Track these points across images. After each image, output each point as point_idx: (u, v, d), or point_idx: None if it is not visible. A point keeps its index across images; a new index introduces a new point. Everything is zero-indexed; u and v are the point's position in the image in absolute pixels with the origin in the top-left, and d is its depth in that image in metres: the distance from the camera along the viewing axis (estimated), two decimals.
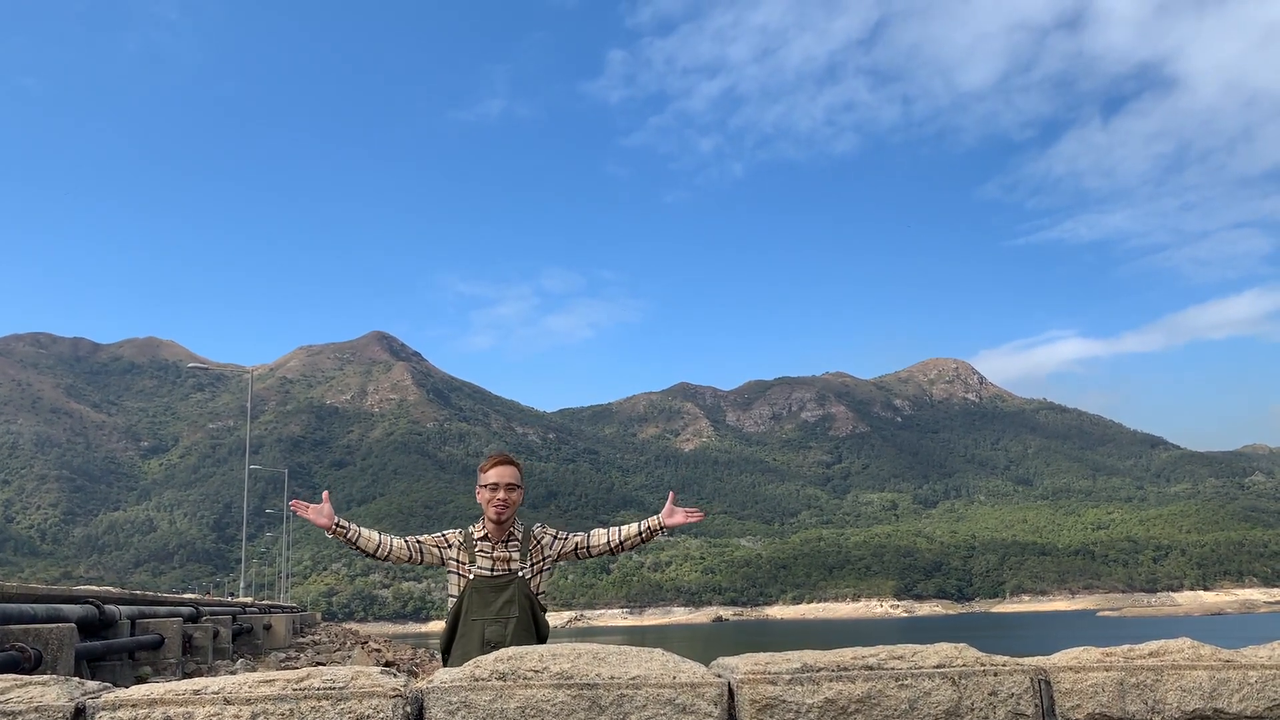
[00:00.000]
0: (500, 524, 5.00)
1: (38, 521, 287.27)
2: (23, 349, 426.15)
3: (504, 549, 4.99)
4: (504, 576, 4.93)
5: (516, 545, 5.04)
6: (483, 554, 4.98)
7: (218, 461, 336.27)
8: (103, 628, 14.06)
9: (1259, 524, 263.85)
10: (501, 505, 4.95)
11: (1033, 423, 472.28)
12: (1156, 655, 3.72)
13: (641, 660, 3.39)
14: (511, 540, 5.04)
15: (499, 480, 4.97)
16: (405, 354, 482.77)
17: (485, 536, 5.02)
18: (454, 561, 5.00)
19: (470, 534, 5.06)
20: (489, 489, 4.97)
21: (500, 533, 5.02)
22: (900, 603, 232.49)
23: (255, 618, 30.18)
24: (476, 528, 5.08)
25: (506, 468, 5.02)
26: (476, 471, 5.11)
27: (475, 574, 4.92)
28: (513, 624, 4.81)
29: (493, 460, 5.06)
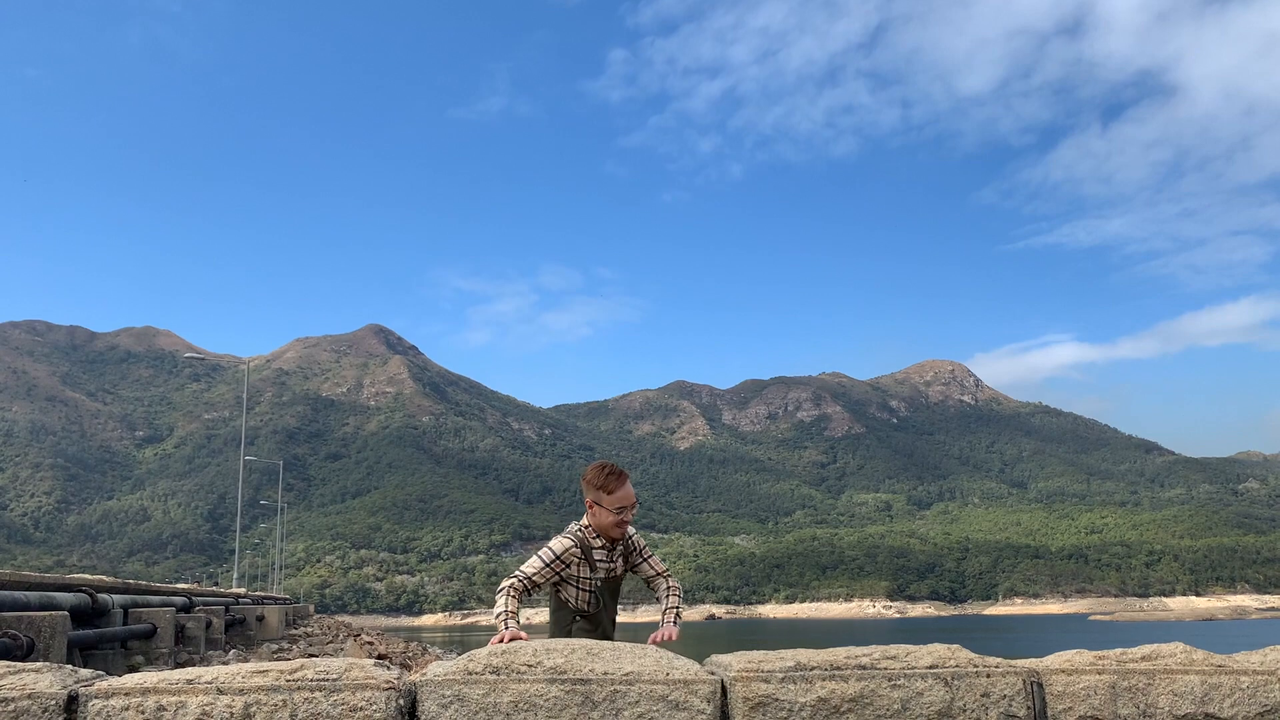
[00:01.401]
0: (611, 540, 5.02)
1: (31, 509, 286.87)
2: (19, 336, 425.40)
3: (610, 556, 5.01)
4: (614, 578, 5.06)
5: (620, 553, 5.09)
6: (601, 561, 4.97)
7: (213, 452, 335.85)
8: (95, 616, 14.05)
9: (1252, 530, 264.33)
10: (624, 525, 4.96)
11: (1028, 426, 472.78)
12: (1149, 659, 3.72)
13: (635, 656, 3.40)
14: (617, 548, 5.06)
15: (627, 503, 4.91)
16: (402, 347, 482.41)
17: (604, 546, 5.01)
18: (574, 576, 4.97)
19: (587, 544, 4.98)
20: (615, 511, 4.88)
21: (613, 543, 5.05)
22: (893, 603, 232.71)
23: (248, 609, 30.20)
24: (588, 534, 5.00)
25: (629, 485, 4.97)
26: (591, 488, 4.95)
27: (598, 582, 4.96)
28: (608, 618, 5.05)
29: (617, 476, 4.93)
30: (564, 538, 4.94)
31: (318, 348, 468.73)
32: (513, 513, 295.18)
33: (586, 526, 4.98)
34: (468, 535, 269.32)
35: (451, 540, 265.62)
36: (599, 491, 4.86)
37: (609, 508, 4.84)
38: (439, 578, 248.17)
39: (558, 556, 4.86)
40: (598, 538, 4.94)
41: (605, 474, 4.88)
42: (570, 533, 4.99)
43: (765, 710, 3.35)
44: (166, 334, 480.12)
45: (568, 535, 4.96)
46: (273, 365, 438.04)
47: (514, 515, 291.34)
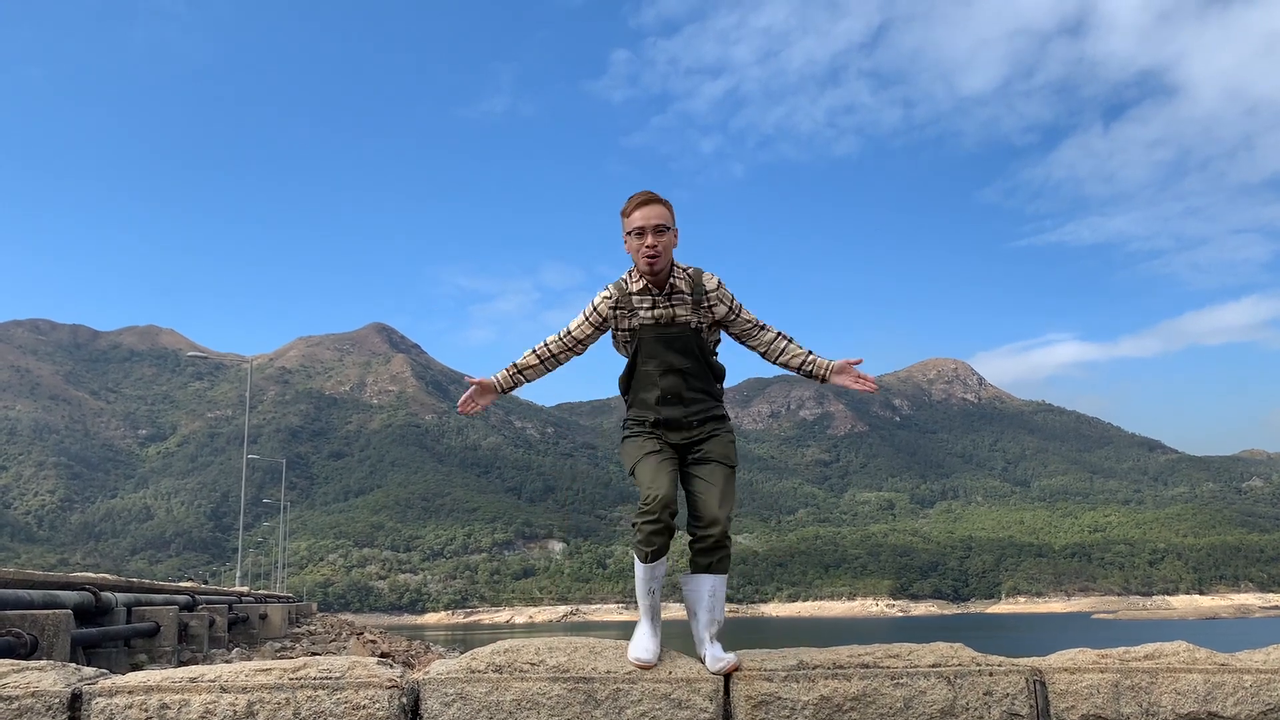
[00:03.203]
0: (655, 274, 4.20)
1: (35, 508, 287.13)
2: (22, 335, 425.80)
3: (667, 303, 4.21)
4: (673, 328, 4.22)
5: (684, 299, 4.23)
6: (643, 307, 4.22)
7: (216, 450, 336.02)
8: (99, 615, 14.07)
9: (1255, 529, 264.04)
10: (652, 252, 4.11)
11: (1031, 424, 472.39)
12: (1152, 658, 3.72)
13: None
14: (676, 294, 4.23)
15: (645, 223, 4.12)
16: (404, 346, 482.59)
17: (645, 289, 4.23)
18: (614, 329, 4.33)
19: (624, 288, 4.27)
20: (634, 235, 4.15)
21: (659, 284, 4.23)
22: (896, 602, 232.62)
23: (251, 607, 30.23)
24: (630, 279, 4.27)
25: (652, 207, 4.16)
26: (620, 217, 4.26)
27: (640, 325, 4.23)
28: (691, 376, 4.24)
29: (635, 200, 4.20)
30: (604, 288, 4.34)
31: (320, 346, 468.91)
32: (515, 511, 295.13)
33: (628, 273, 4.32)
34: (470, 534, 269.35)
35: (454, 538, 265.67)
36: (623, 219, 4.23)
37: (628, 229, 4.18)
38: (442, 576, 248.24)
39: (594, 308, 4.29)
40: (642, 282, 4.23)
41: (629, 198, 4.23)
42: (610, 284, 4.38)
43: (768, 708, 3.35)
44: (169, 333, 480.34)
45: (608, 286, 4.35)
46: (275, 364, 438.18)
47: (517, 514, 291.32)
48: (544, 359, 4.31)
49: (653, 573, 4.09)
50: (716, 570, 4.14)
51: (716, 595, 4.15)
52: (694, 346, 4.22)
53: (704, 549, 4.10)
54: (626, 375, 4.30)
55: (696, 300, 4.23)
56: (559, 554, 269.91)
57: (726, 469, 4.16)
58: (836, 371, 4.37)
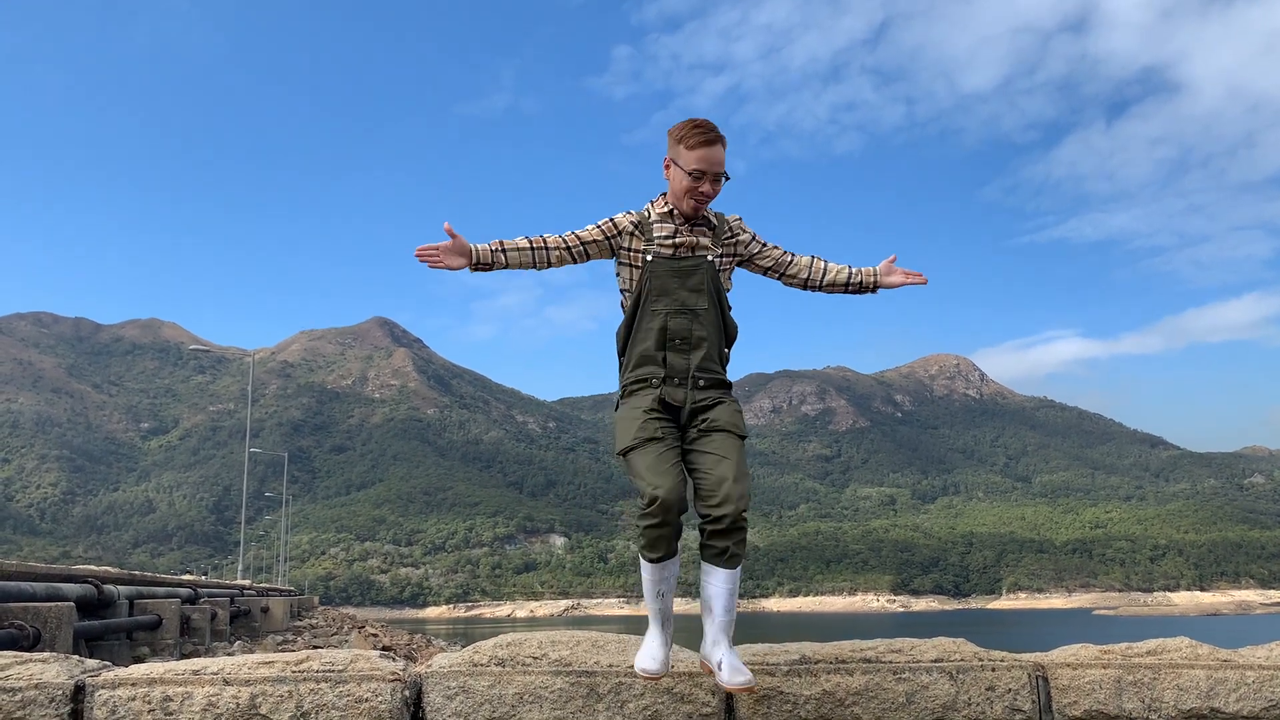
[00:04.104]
0: (692, 217, 3.79)
1: (37, 500, 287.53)
2: (24, 328, 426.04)
3: (689, 232, 3.77)
4: (689, 260, 3.75)
5: (706, 229, 3.80)
6: (662, 234, 3.76)
7: (218, 444, 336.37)
8: (101, 607, 14.08)
9: (1257, 525, 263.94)
10: (702, 199, 3.70)
11: (1032, 420, 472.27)
12: (1154, 654, 3.72)
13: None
14: (701, 223, 3.80)
15: (707, 167, 3.63)
16: (406, 340, 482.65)
17: (670, 213, 3.78)
18: (625, 250, 3.81)
19: (646, 212, 3.82)
20: (691, 175, 3.64)
21: (689, 215, 3.79)
22: (897, 597, 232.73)
23: (253, 600, 30.25)
24: (655, 204, 3.82)
25: (718, 149, 3.65)
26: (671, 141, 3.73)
27: (655, 254, 3.74)
28: (702, 317, 3.72)
29: (699, 134, 3.64)
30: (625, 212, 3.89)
31: (323, 340, 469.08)
32: (517, 505, 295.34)
33: (660, 196, 3.86)
34: (472, 528, 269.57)
35: (456, 533, 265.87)
36: (677, 145, 3.68)
37: (684, 167, 3.64)
38: (443, 570, 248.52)
39: (611, 219, 3.83)
40: (668, 208, 3.79)
41: (691, 126, 3.67)
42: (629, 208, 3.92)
43: (770, 703, 3.32)
44: (172, 326, 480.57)
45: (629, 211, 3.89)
46: (278, 357, 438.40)
47: (518, 508, 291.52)
48: (535, 247, 3.80)
49: (662, 573, 3.58)
50: (732, 561, 3.53)
51: (733, 591, 3.59)
52: (710, 284, 3.74)
53: (719, 532, 3.50)
54: (626, 324, 3.79)
55: (719, 232, 3.82)
56: (560, 548, 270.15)
57: (738, 439, 3.64)
58: (884, 274, 4.06)
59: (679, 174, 3.66)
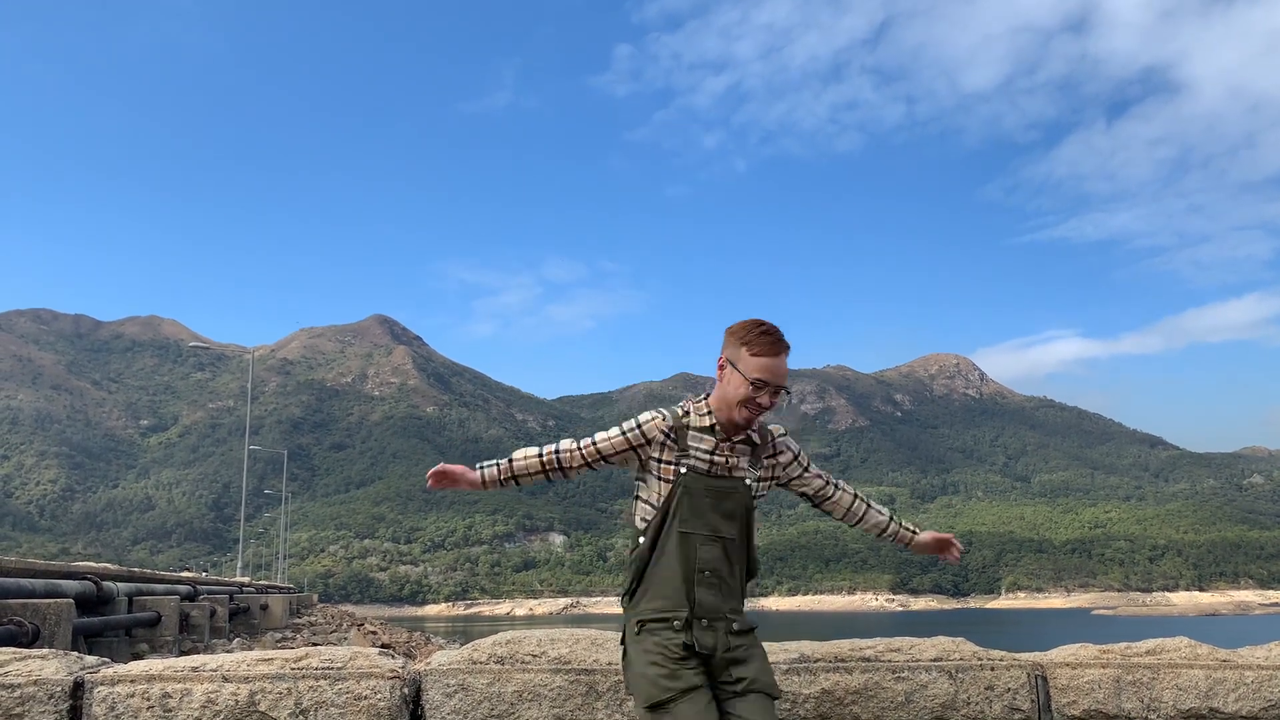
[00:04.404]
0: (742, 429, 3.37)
1: (37, 497, 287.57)
2: (24, 324, 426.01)
3: (729, 448, 3.34)
4: (726, 480, 3.33)
5: (747, 448, 3.39)
6: (700, 447, 3.30)
7: (217, 441, 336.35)
8: (100, 604, 14.09)
9: (1256, 525, 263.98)
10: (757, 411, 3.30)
11: (1032, 420, 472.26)
12: (1154, 654, 3.73)
13: None
14: (743, 439, 3.39)
15: (770, 378, 3.24)
16: (406, 338, 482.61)
17: (712, 426, 3.32)
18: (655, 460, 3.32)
19: (684, 418, 3.34)
20: (751, 384, 3.24)
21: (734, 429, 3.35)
22: (896, 596, 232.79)
23: (252, 598, 30.28)
24: (694, 410, 3.36)
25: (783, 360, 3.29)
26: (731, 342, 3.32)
27: (689, 468, 3.28)
28: (732, 549, 3.33)
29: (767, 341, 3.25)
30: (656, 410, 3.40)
31: (322, 338, 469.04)
32: (516, 503, 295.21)
33: (702, 398, 3.40)
34: (471, 526, 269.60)
35: (455, 530, 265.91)
36: (739, 348, 3.27)
37: (745, 374, 3.23)
38: (442, 568, 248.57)
39: (638, 426, 3.33)
40: (710, 414, 3.33)
41: (757, 330, 3.26)
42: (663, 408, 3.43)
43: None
44: (171, 323, 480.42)
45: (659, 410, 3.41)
46: (277, 355, 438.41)
47: (518, 506, 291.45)
48: (549, 469, 3.36)
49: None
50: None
51: None
52: (744, 511, 3.36)
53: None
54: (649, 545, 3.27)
55: (760, 451, 3.42)
56: (560, 546, 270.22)
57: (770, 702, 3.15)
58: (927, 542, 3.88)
59: (737, 380, 3.24)
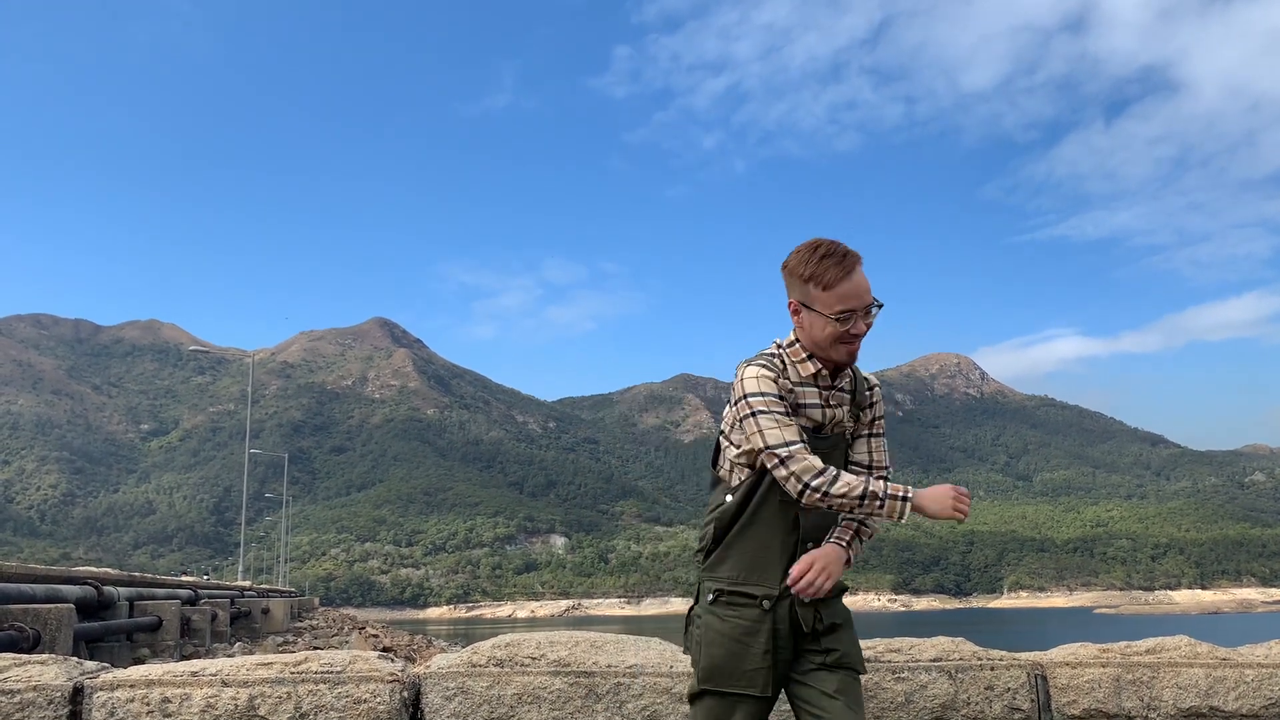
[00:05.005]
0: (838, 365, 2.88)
1: (37, 502, 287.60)
2: (24, 329, 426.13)
3: (834, 399, 2.89)
4: (829, 439, 2.88)
5: (846, 397, 2.93)
6: (807, 403, 2.84)
7: (218, 445, 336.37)
8: (101, 609, 14.08)
9: (1258, 523, 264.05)
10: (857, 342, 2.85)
11: (1033, 419, 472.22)
12: (1153, 652, 3.72)
13: (639, 649, 3.36)
14: (841, 385, 2.92)
15: (857, 303, 2.79)
16: (406, 340, 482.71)
17: (816, 375, 2.85)
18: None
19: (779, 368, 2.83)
20: (838, 316, 2.77)
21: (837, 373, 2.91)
22: (898, 596, 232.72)
23: (253, 601, 30.25)
24: (790, 358, 2.86)
25: (859, 272, 2.84)
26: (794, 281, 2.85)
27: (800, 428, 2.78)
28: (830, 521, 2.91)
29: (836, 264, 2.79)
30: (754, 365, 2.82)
31: (322, 341, 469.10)
32: (517, 505, 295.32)
33: (789, 345, 2.88)
34: (472, 528, 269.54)
35: (456, 533, 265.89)
36: (808, 285, 2.80)
37: (825, 311, 2.77)
38: (444, 570, 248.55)
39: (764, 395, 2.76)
40: (809, 359, 2.85)
41: (819, 257, 2.79)
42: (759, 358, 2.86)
43: None
44: (171, 327, 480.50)
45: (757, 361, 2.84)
46: (277, 358, 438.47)
47: (519, 508, 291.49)
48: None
49: None
50: None
51: None
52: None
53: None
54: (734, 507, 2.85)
55: (858, 401, 2.97)
56: (561, 548, 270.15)
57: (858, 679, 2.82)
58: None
59: (818, 321, 2.78)
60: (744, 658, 2.67)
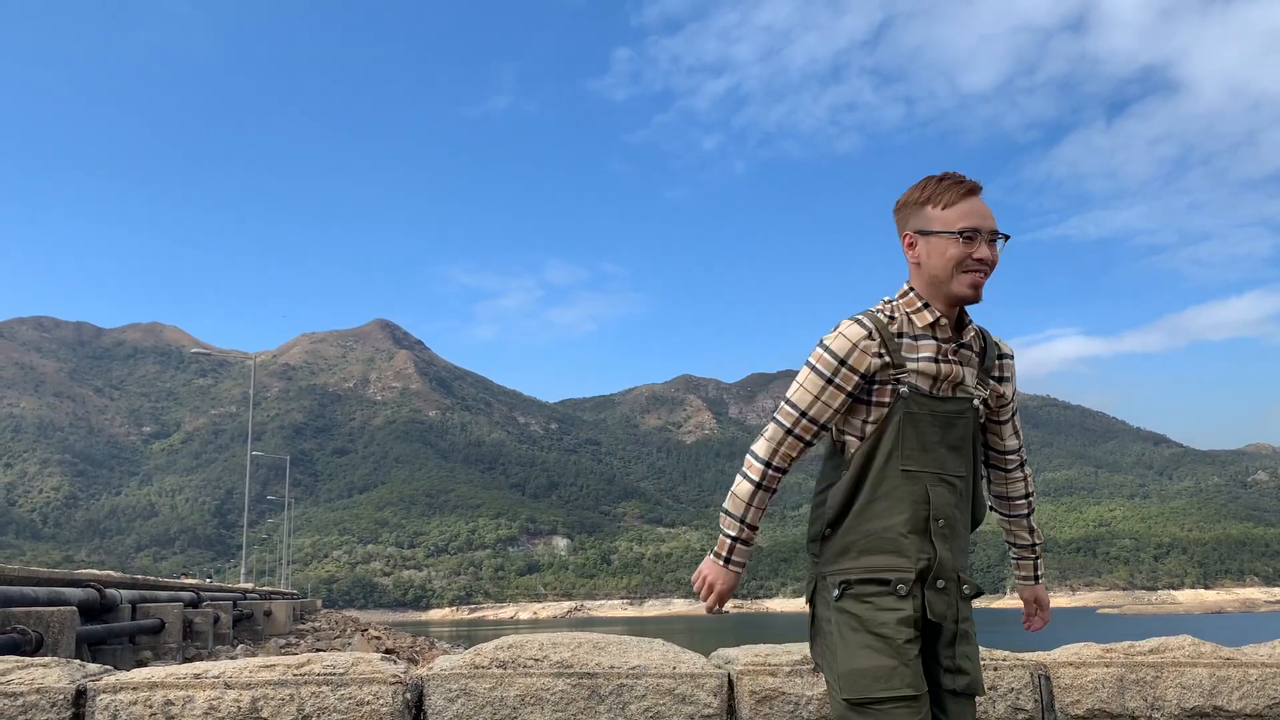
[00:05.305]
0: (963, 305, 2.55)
1: (40, 505, 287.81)
2: (26, 332, 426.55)
3: (954, 352, 2.52)
4: (951, 401, 2.49)
5: (973, 356, 2.56)
6: (919, 356, 2.47)
7: (220, 447, 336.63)
8: (104, 611, 14.09)
9: (1261, 523, 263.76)
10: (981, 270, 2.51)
11: (1035, 418, 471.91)
12: (1157, 652, 3.70)
13: (641, 650, 3.36)
14: (967, 342, 2.55)
15: (980, 223, 2.51)
16: (408, 342, 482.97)
17: (934, 325, 2.50)
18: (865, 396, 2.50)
19: (891, 324, 2.50)
20: (963, 238, 2.48)
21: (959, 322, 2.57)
22: None
23: (256, 604, 30.25)
24: (903, 308, 2.53)
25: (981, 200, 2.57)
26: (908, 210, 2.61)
27: (911, 387, 2.45)
28: (962, 491, 2.52)
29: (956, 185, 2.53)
30: (853, 324, 2.50)
31: (324, 343, 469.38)
32: (520, 506, 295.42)
33: (901, 296, 2.56)
34: (474, 529, 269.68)
35: (458, 534, 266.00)
36: (924, 209, 2.55)
37: (948, 228, 2.50)
38: (446, 572, 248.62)
39: (843, 361, 2.45)
40: (926, 307, 2.51)
41: (937, 180, 2.56)
42: (860, 316, 2.53)
43: (772, 703, 3.29)
44: (173, 329, 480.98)
45: (856, 319, 2.51)
46: (279, 360, 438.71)
47: (521, 509, 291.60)
48: (772, 487, 2.60)
49: None
50: None
51: None
52: (973, 441, 2.54)
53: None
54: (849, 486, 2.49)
55: (986, 360, 2.59)
56: (563, 550, 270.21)
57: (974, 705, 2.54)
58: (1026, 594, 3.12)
59: (938, 246, 2.48)
60: (889, 654, 2.34)
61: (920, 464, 2.43)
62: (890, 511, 2.42)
